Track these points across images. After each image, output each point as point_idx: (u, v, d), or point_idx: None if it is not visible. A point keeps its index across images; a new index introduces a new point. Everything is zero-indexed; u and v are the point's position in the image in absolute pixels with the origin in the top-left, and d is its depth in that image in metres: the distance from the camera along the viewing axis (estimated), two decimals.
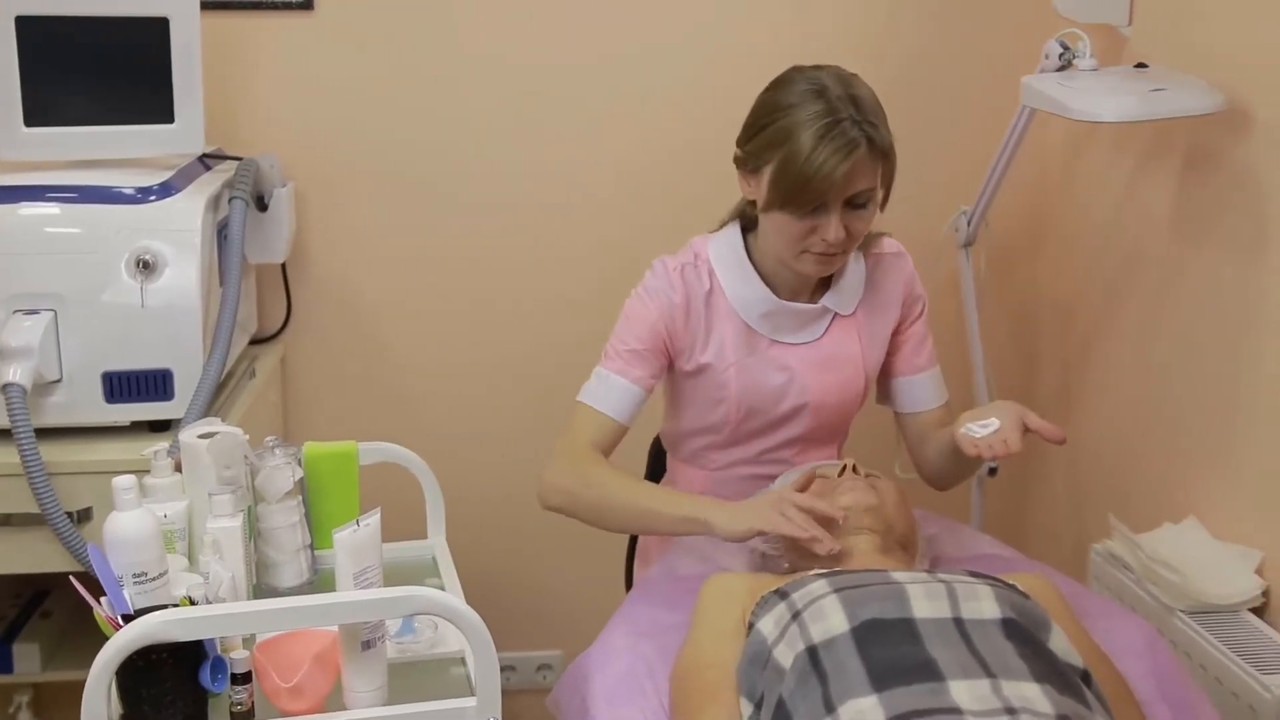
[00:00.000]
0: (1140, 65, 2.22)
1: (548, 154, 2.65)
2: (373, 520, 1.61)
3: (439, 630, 1.73)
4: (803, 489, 1.76)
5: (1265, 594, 2.03)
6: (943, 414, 2.02)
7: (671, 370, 1.96)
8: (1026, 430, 1.73)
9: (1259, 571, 2.04)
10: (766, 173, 1.81)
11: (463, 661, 1.69)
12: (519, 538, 2.80)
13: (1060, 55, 2.22)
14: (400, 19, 2.56)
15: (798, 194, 1.77)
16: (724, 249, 1.95)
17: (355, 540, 1.57)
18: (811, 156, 1.74)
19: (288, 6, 2.51)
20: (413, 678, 1.64)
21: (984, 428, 1.73)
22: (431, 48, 2.58)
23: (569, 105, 2.64)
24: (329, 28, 2.54)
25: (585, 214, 2.68)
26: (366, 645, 1.51)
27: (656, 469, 2.23)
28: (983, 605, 1.47)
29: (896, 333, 2.03)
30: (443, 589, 1.85)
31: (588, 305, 2.68)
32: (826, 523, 1.68)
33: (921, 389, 2.03)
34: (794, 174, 1.76)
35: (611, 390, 1.90)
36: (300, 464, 1.86)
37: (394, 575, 1.82)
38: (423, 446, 2.05)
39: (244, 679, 1.50)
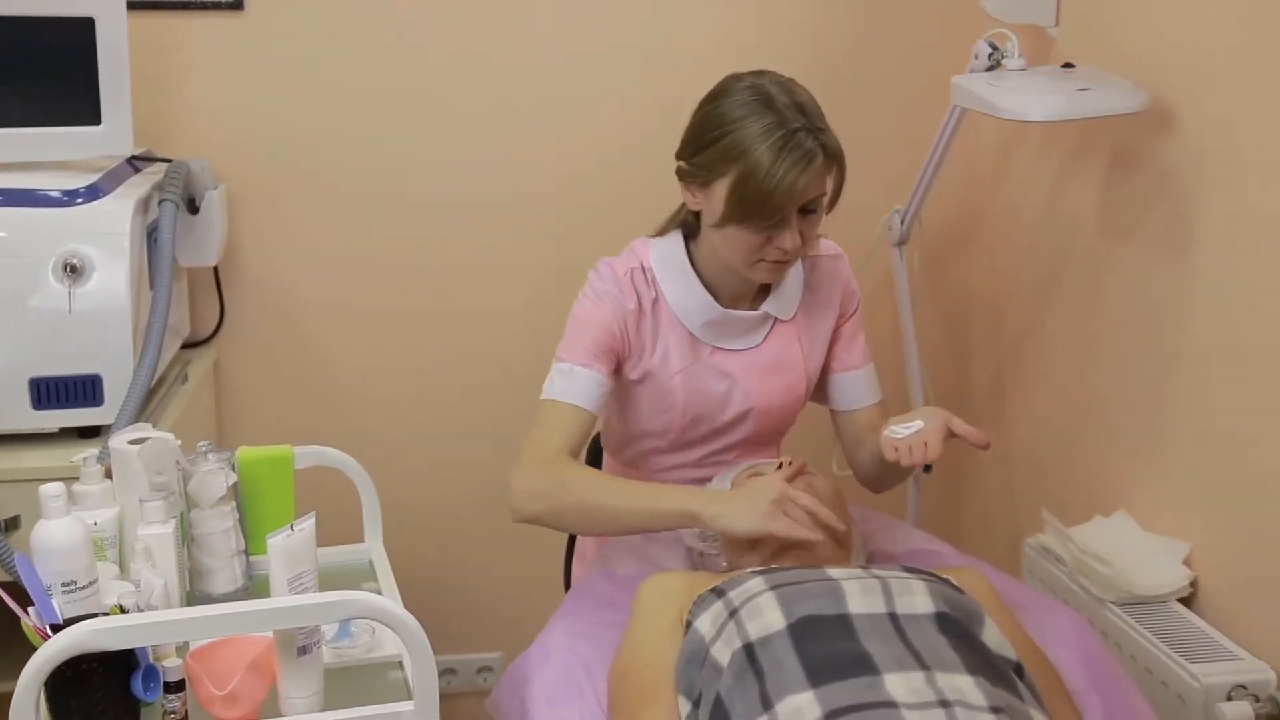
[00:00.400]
0: (1067, 65, 2.26)
1: (484, 155, 2.64)
2: (307, 525, 1.60)
3: (376, 634, 1.71)
4: (791, 479, 1.73)
5: (1193, 584, 2.07)
6: (876, 413, 2.03)
7: (617, 375, 1.95)
8: (952, 435, 1.74)
9: (1186, 562, 2.09)
10: (719, 186, 1.80)
11: (400, 665, 1.68)
12: (458, 540, 2.80)
13: (989, 55, 2.25)
14: (332, 19, 2.54)
15: (759, 208, 1.77)
16: (666, 257, 1.94)
17: (289, 545, 1.56)
18: (772, 171, 1.73)
19: (217, 6, 2.49)
20: (350, 683, 1.63)
21: (906, 429, 1.74)
22: (365, 47, 2.56)
23: (506, 106, 2.63)
24: (260, 28, 2.51)
25: (523, 215, 2.68)
26: (302, 651, 1.50)
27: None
28: (917, 600, 1.48)
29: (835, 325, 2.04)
30: (380, 593, 1.84)
31: (526, 307, 2.68)
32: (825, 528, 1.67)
33: (854, 386, 2.04)
34: (754, 189, 1.75)
35: (578, 382, 1.86)
36: (234, 469, 1.84)
37: (330, 580, 1.81)
38: (360, 450, 2.04)
39: (177, 687, 1.48)
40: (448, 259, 2.67)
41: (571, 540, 2.26)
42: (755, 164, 1.74)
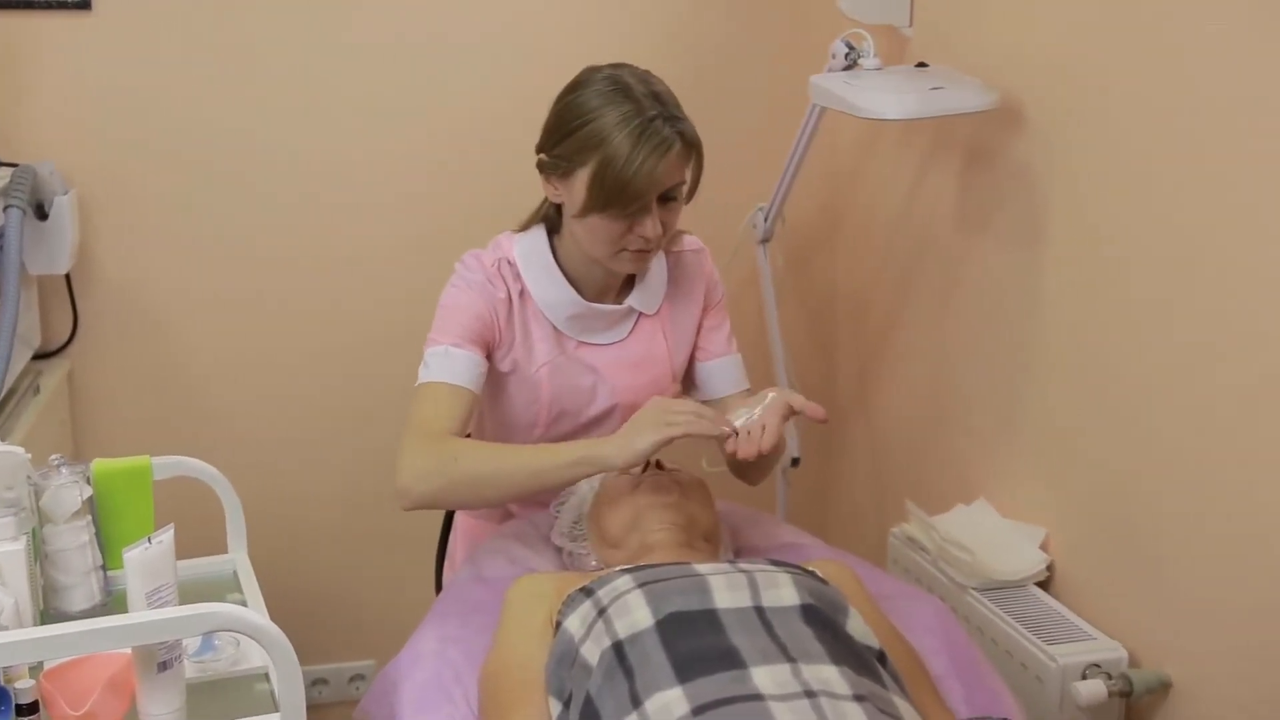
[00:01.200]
0: (921, 65, 2.31)
1: (345, 149, 2.61)
2: (165, 537, 1.56)
3: (241, 647, 1.68)
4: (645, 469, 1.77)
5: (1049, 568, 2.14)
6: (743, 400, 2.05)
7: (489, 363, 1.93)
8: (793, 413, 1.74)
9: (1043, 547, 2.15)
10: (580, 176, 1.81)
11: (267, 677, 1.65)
12: (326, 546, 2.76)
13: (846, 55, 2.29)
14: (183, 17, 2.48)
15: (619, 196, 1.78)
16: (529, 251, 1.94)
17: (146, 558, 1.52)
18: (630, 158, 1.75)
19: (63, 6, 2.41)
20: (214, 696, 1.60)
21: (744, 416, 1.74)
22: (218, 45, 2.51)
23: (365, 100, 2.60)
24: (108, 28, 2.45)
25: (385, 211, 2.65)
26: (163, 666, 1.46)
27: None
28: (782, 593, 1.50)
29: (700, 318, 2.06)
30: (244, 604, 1.80)
31: (390, 304, 2.66)
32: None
33: (719, 374, 2.04)
34: (614, 177, 1.76)
35: (455, 362, 1.84)
36: (89, 482, 1.79)
37: (194, 592, 1.77)
38: (224, 457, 2.00)
39: (30, 710, 1.43)
40: (307, 258, 2.63)
41: (443, 543, 2.25)
42: (614, 152, 1.76)
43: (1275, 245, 1.67)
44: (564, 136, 1.83)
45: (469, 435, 2.11)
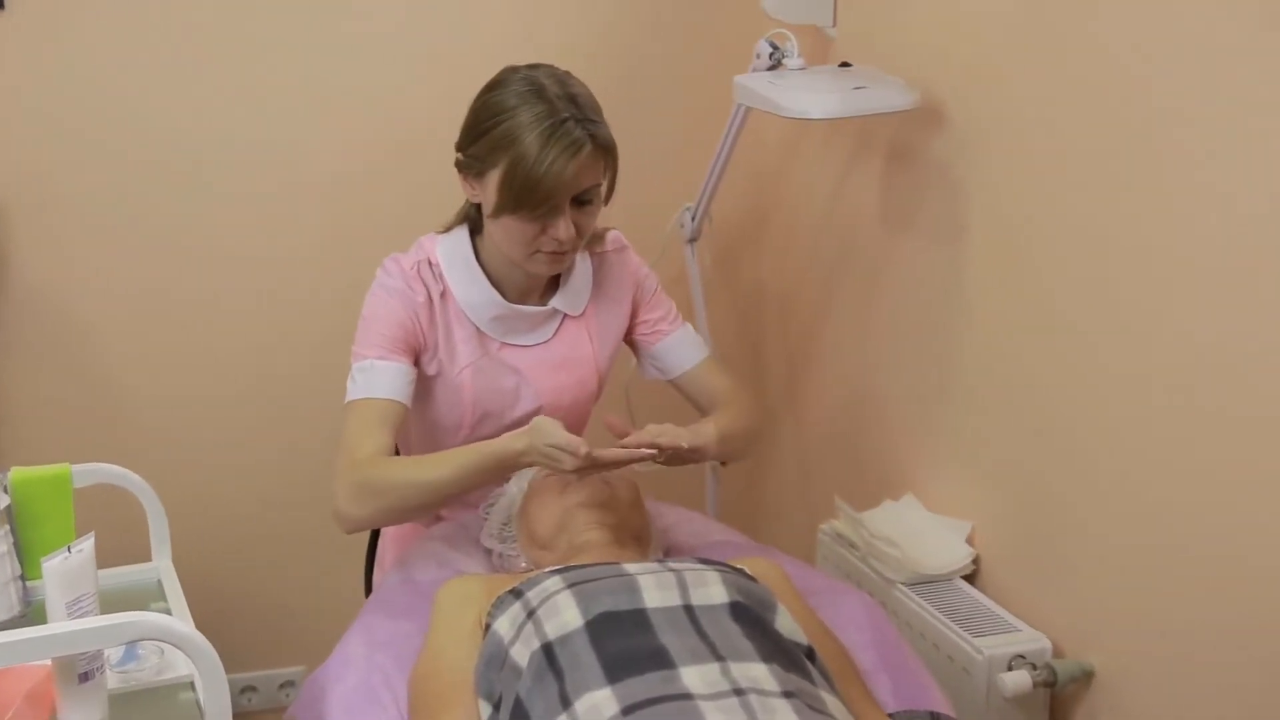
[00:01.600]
0: (844, 65, 2.33)
1: (270, 150, 2.58)
2: (85, 546, 1.53)
3: (165, 656, 1.66)
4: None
5: (975, 562, 2.17)
6: (711, 365, 2.06)
7: (417, 368, 1.92)
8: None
9: (969, 541, 2.18)
10: (493, 176, 1.81)
11: (192, 686, 1.63)
12: (253, 550, 2.73)
13: (770, 55, 2.31)
14: (100, 16, 2.43)
15: (528, 197, 1.78)
16: (451, 253, 1.94)
17: (66, 568, 1.49)
18: (540, 159, 1.75)
19: None
20: (139, 707, 1.58)
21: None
22: (137, 45, 2.47)
23: (295, 96, 2.57)
24: (23, 29, 2.40)
25: (310, 213, 2.63)
26: (84, 677, 1.44)
27: None
28: (711, 591, 1.51)
29: (634, 316, 2.06)
30: (169, 613, 1.78)
31: (314, 308, 2.63)
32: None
33: (679, 346, 2.06)
34: (523, 177, 1.77)
35: (380, 375, 1.84)
36: (6, 491, 1.76)
37: (117, 602, 1.75)
38: (147, 463, 1.98)
39: None
40: (230, 260, 2.60)
41: (372, 547, 2.23)
42: (524, 151, 1.76)
43: (1192, 244, 1.70)
44: (478, 136, 1.83)
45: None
